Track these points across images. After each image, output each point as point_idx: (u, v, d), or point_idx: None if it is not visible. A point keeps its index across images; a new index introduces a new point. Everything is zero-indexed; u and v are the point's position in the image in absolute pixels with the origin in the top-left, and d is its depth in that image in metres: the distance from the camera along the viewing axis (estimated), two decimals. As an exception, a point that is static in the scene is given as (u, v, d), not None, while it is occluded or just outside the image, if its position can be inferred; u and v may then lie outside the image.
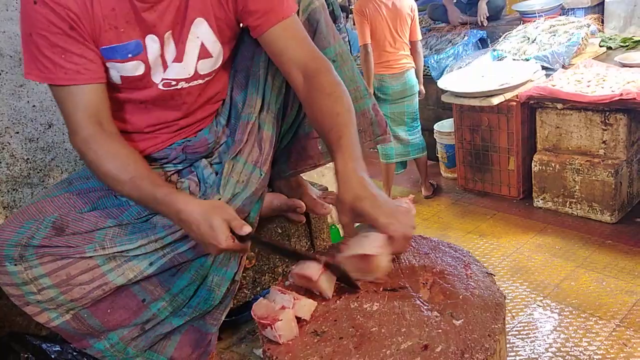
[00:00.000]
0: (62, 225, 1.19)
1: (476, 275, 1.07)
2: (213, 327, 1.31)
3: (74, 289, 1.18)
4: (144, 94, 1.23)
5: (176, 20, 1.17)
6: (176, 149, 1.33)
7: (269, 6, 1.18)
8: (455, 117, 3.33)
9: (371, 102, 1.40)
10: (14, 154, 1.67)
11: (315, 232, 1.84)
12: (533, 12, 3.75)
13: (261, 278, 1.72)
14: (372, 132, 1.41)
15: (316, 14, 1.29)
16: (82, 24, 1.09)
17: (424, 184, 3.52)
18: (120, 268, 1.19)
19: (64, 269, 1.17)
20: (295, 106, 1.35)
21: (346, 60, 1.35)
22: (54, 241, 1.17)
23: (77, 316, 1.21)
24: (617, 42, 3.33)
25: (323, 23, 1.31)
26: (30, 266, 1.15)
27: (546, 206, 3.02)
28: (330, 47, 1.31)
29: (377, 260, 1.02)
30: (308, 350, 0.93)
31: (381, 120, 1.43)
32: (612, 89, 2.64)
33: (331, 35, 1.32)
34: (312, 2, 1.29)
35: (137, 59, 1.16)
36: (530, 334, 2.02)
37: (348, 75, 1.34)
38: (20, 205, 1.70)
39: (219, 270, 1.27)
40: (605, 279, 2.31)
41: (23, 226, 1.18)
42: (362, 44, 3.14)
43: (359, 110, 1.34)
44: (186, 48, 1.20)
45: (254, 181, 1.26)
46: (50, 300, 1.18)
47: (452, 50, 3.73)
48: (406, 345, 0.90)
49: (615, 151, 2.70)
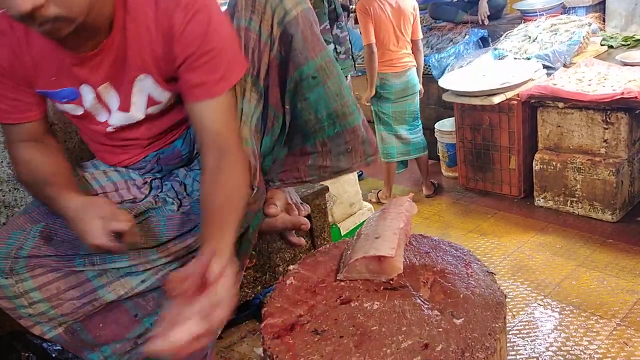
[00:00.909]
0: (49, 233, 1.18)
1: (477, 274, 1.07)
2: (209, 342, 1.30)
3: (65, 303, 1.17)
4: (98, 128, 1.22)
5: (113, 75, 1.12)
6: (150, 161, 1.30)
7: (201, 80, 1.08)
8: (456, 116, 3.33)
9: (361, 118, 1.27)
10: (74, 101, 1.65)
11: (316, 232, 1.84)
12: (534, 11, 3.74)
13: (262, 277, 1.72)
14: (363, 152, 1.29)
15: (291, 28, 1.15)
16: (12, 73, 1.11)
17: (425, 183, 3.52)
18: (112, 285, 1.18)
19: (54, 283, 1.16)
20: (277, 119, 1.25)
21: (331, 73, 1.20)
22: (43, 250, 1.16)
23: (70, 330, 1.21)
24: (618, 40, 3.33)
25: (299, 37, 1.15)
26: (21, 279, 1.15)
27: (547, 205, 3.01)
28: (308, 62, 1.16)
29: (392, 261, 1.04)
30: (308, 349, 0.93)
31: (372, 139, 1.31)
32: (614, 87, 2.63)
33: (311, 48, 1.16)
34: (288, 12, 1.15)
35: (73, 103, 1.16)
36: (530, 333, 2.02)
37: (333, 90, 1.20)
38: (22, 205, 1.70)
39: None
40: (606, 278, 2.30)
41: (11, 237, 1.17)
42: (366, 43, 3.13)
43: (347, 127, 1.23)
44: (132, 99, 1.16)
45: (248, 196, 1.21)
46: (41, 314, 1.17)
47: (453, 49, 3.72)
48: (407, 344, 0.90)
49: (617, 150, 2.70)
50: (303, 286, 1.13)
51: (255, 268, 1.68)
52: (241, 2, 1.15)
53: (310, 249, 1.80)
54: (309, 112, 1.20)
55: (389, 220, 1.18)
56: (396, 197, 1.28)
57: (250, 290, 1.70)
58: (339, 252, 1.23)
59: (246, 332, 1.81)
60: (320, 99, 1.20)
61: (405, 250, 1.17)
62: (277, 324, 1.01)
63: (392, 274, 1.07)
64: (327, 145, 1.24)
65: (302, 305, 1.05)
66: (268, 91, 1.21)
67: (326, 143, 1.23)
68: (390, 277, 1.08)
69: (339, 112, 1.21)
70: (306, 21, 1.16)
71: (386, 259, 1.05)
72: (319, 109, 1.19)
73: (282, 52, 1.17)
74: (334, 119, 1.22)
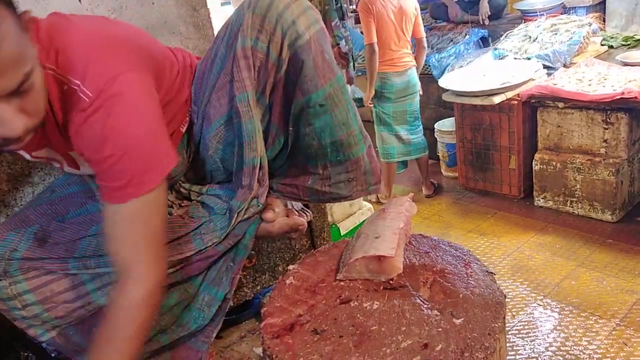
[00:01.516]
0: (43, 235, 1.18)
1: (476, 274, 1.07)
2: (204, 345, 1.28)
3: (58, 306, 1.17)
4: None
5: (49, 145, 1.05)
6: None
7: (101, 182, 0.98)
8: (457, 116, 3.33)
9: (366, 147, 1.23)
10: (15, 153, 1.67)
11: (316, 232, 1.84)
12: (534, 11, 3.74)
13: (261, 277, 1.72)
14: (364, 181, 1.26)
15: (303, 53, 1.07)
16: None
17: (425, 183, 3.52)
18: (105, 288, 1.17)
19: (48, 285, 1.16)
20: (278, 137, 1.21)
21: (339, 102, 1.14)
22: (38, 252, 1.15)
23: (63, 333, 1.21)
24: (618, 40, 3.33)
25: (310, 64, 1.08)
26: (14, 281, 1.15)
27: (547, 205, 3.01)
28: (317, 90, 1.10)
29: (392, 261, 1.04)
30: (308, 348, 0.93)
31: (375, 168, 1.27)
32: (614, 87, 2.63)
33: (321, 75, 1.10)
34: (301, 36, 1.06)
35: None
36: (530, 333, 2.02)
37: (340, 119, 1.15)
38: (21, 204, 1.70)
39: (210, 289, 1.23)
40: (606, 278, 2.30)
41: (5, 239, 1.16)
42: (368, 42, 3.12)
43: (352, 157, 1.20)
44: (79, 163, 1.11)
45: (252, 210, 1.20)
46: (35, 317, 1.17)
47: (453, 49, 3.72)
48: (406, 344, 0.90)
49: (617, 150, 2.70)
50: (303, 286, 1.13)
51: (255, 268, 1.68)
52: (247, 21, 1.06)
53: (310, 248, 1.80)
54: (313, 138, 1.15)
55: (389, 220, 1.18)
56: (396, 197, 1.28)
57: (250, 290, 1.70)
58: (338, 252, 1.23)
59: (246, 332, 1.81)
60: (326, 126, 1.14)
61: (405, 250, 1.17)
62: (276, 323, 1.01)
63: (392, 273, 1.08)
64: (328, 169, 1.20)
65: (301, 305, 1.05)
66: (272, 109, 1.15)
67: (327, 167, 1.20)
68: (390, 277, 1.08)
69: (344, 141, 1.17)
70: (318, 46, 1.09)
71: (386, 258, 1.05)
72: (323, 136, 1.14)
73: (290, 74, 1.10)
74: (338, 148, 1.18)
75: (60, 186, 1.32)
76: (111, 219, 0.99)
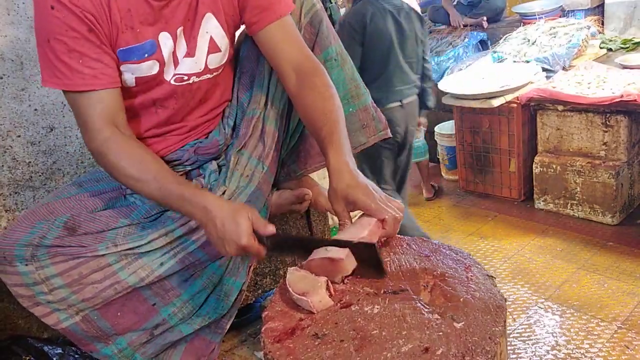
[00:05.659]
0: (74, 225, 1.20)
1: (477, 277, 1.07)
2: (218, 336, 1.31)
3: (86, 288, 1.18)
4: (156, 93, 1.24)
5: (187, 17, 1.19)
6: (188, 150, 1.34)
7: (267, 3, 1.21)
8: (456, 119, 3.34)
9: (370, 99, 1.47)
10: (16, 157, 1.68)
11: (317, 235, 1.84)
12: (533, 14, 3.76)
13: (262, 280, 1.72)
14: (374, 127, 1.48)
15: (318, 16, 1.36)
16: (99, 26, 1.09)
17: (425, 186, 3.52)
18: (132, 266, 1.19)
19: (76, 269, 1.17)
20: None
21: (346, 59, 1.42)
22: (66, 241, 1.17)
23: (87, 318, 1.22)
24: (617, 43, 3.34)
25: (325, 25, 1.37)
26: (42, 266, 1.16)
27: (547, 208, 3.01)
28: (331, 46, 1.38)
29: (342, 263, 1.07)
30: (309, 352, 0.93)
31: (380, 117, 1.50)
32: (613, 90, 2.64)
33: (332, 36, 1.39)
34: (314, 5, 1.36)
35: (152, 59, 1.18)
36: (531, 336, 2.02)
37: (348, 74, 1.41)
38: (23, 209, 1.70)
39: (228, 280, 1.27)
40: (607, 281, 2.30)
41: (35, 227, 1.18)
42: None
43: (360, 106, 1.44)
44: (197, 43, 1.22)
45: (257, 175, 1.28)
46: (61, 301, 1.19)
47: (452, 52, 3.73)
48: (407, 348, 0.90)
49: (616, 153, 2.70)
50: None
51: (256, 271, 1.68)
52: None
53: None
54: None
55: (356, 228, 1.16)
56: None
57: (251, 293, 1.70)
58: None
59: (247, 336, 1.81)
60: (340, 79, 1.39)
61: (405, 254, 1.17)
62: (277, 327, 1.01)
63: (341, 274, 1.09)
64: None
65: (302, 309, 1.05)
66: None
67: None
68: (341, 276, 1.09)
69: (354, 92, 1.42)
70: (325, 13, 1.39)
71: (335, 260, 1.06)
72: (338, 88, 1.29)
73: (307, 36, 1.34)
74: (349, 99, 1.42)
75: (88, 182, 1.35)
76: (282, 34, 1.23)
